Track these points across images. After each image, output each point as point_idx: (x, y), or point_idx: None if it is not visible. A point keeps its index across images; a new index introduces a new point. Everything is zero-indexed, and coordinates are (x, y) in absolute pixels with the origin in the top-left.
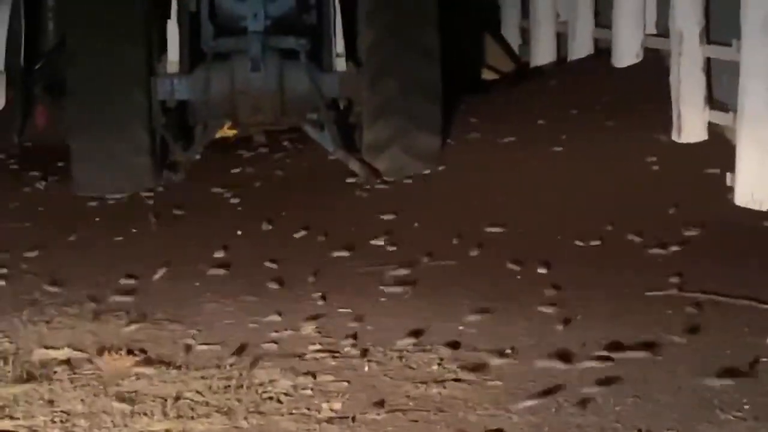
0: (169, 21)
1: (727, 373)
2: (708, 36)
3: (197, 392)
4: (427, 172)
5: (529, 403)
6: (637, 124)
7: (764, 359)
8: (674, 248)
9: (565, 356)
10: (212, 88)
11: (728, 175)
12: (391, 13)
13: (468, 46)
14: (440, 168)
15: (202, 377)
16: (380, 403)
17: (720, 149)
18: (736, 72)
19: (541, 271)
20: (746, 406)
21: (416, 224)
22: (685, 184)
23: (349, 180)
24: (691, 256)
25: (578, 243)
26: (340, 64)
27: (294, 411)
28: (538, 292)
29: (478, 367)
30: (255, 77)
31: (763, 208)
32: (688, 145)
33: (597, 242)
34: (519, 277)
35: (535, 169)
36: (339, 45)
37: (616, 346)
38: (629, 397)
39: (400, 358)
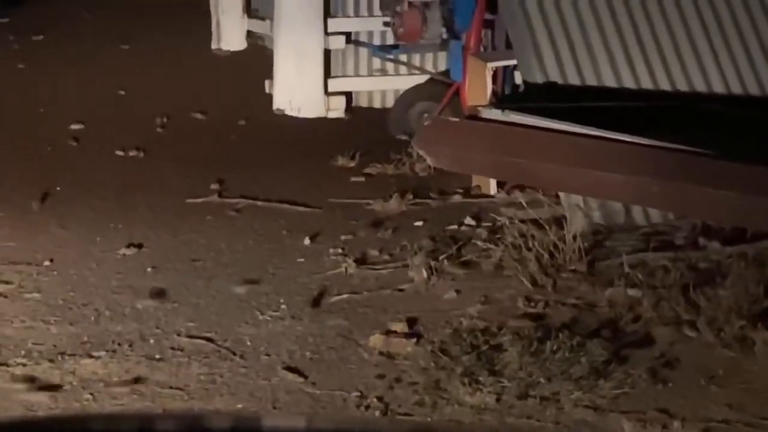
0: None
1: (266, 274)
2: None
3: None
4: None
5: (69, 314)
6: (177, 33)
7: (301, 260)
8: (215, 155)
9: (103, 266)
10: None
11: (267, 82)
12: None
13: None
14: None
15: None
16: None
17: (259, 57)
18: None
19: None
20: (283, 306)
21: None
22: (226, 91)
23: None
24: (231, 162)
25: (119, 152)
26: None
27: None
28: (78, 204)
29: (15, 280)
30: None
31: (300, 115)
32: (229, 53)
33: (139, 153)
34: (59, 188)
35: (73, 79)
36: None
37: (160, 255)
38: (170, 304)
39: None
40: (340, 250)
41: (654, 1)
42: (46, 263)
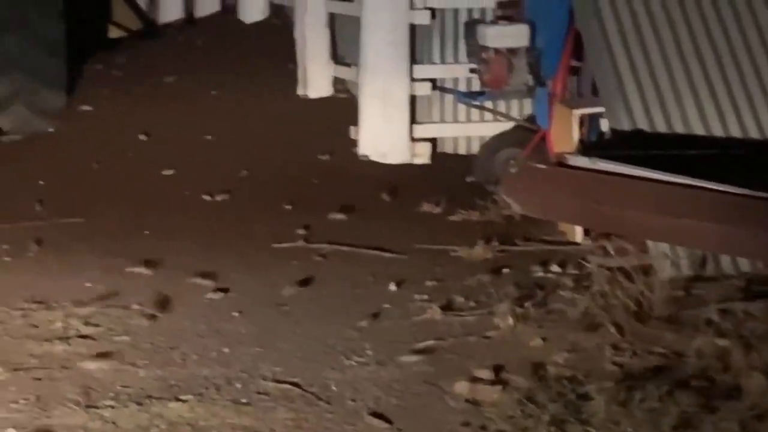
0: None
1: (354, 320)
2: None
3: None
4: (51, 129)
5: (157, 357)
6: (264, 80)
7: (387, 305)
8: (301, 200)
9: (191, 310)
10: None
11: (352, 128)
12: None
13: (94, 3)
14: (65, 126)
15: None
16: (2, 363)
17: (345, 103)
18: (358, 27)
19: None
20: (368, 352)
21: (41, 182)
22: (312, 137)
23: None
24: (316, 207)
25: (206, 197)
26: None
27: None
28: (166, 248)
29: (104, 323)
30: None
31: (385, 161)
32: (315, 99)
33: (225, 196)
34: (147, 232)
35: (164, 126)
36: None
37: (244, 300)
38: (256, 348)
39: (24, 316)
40: (425, 296)
41: (743, 49)
42: (135, 306)
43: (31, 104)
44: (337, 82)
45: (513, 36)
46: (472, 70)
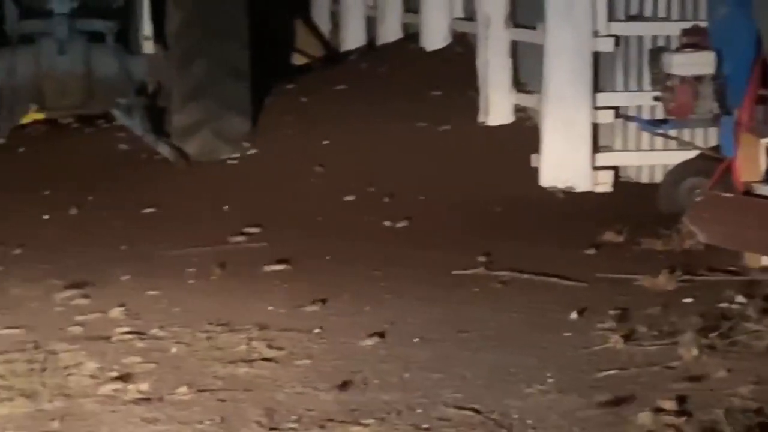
0: None
1: (535, 348)
2: (514, 19)
3: (0, 376)
4: (237, 155)
5: (338, 381)
6: (445, 107)
7: (568, 334)
8: (480, 227)
9: (375, 336)
10: (17, 71)
11: (533, 156)
12: None
13: (278, 30)
14: (251, 152)
15: (6, 361)
16: (188, 384)
17: (526, 131)
18: (541, 55)
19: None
20: (550, 380)
21: (226, 207)
22: (493, 165)
23: (160, 164)
24: (496, 234)
25: (387, 223)
26: (149, 47)
27: (100, 393)
28: (347, 274)
29: (287, 346)
30: (61, 60)
31: (567, 189)
32: (496, 127)
33: (405, 223)
34: (328, 257)
35: (347, 152)
36: (147, 27)
37: (425, 326)
38: (436, 374)
39: (208, 338)
40: (607, 326)
41: None
42: (316, 331)
43: (217, 130)
44: (519, 110)
45: (698, 63)
46: (656, 98)
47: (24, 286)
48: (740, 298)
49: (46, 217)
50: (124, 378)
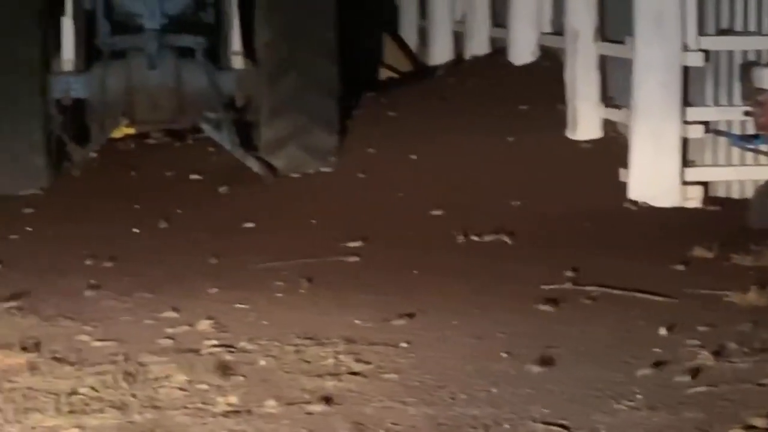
0: (64, 18)
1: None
2: (602, 34)
3: (91, 388)
4: (325, 169)
5: (426, 395)
6: (533, 121)
7: (657, 350)
8: (568, 242)
9: (463, 350)
10: (108, 85)
11: (621, 170)
12: (289, 11)
13: (366, 45)
14: (338, 166)
15: (97, 373)
16: (276, 397)
17: (614, 145)
18: (630, 69)
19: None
20: (639, 396)
21: (313, 221)
22: (581, 179)
23: (248, 177)
24: (585, 249)
25: (474, 238)
26: (238, 62)
27: (189, 405)
28: (434, 288)
29: (374, 361)
30: (151, 75)
31: (655, 204)
32: (584, 141)
33: (492, 237)
34: (416, 271)
35: (434, 166)
36: (236, 42)
37: (513, 341)
38: (525, 389)
39: (296, 352)
40: (697, 342)
41: None
42: (403, 345)
43: (305, 144)
44: (607, 124)
45: None
46: (746, 113)
47: (115, 299)
48: None
49: (136, 230)
50: (212, 391)
